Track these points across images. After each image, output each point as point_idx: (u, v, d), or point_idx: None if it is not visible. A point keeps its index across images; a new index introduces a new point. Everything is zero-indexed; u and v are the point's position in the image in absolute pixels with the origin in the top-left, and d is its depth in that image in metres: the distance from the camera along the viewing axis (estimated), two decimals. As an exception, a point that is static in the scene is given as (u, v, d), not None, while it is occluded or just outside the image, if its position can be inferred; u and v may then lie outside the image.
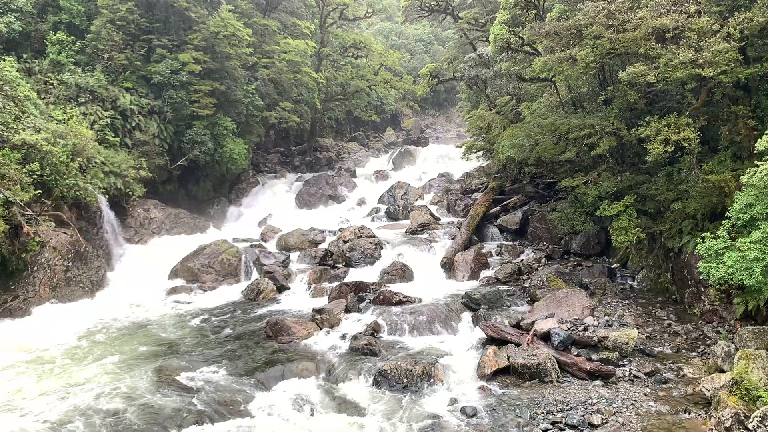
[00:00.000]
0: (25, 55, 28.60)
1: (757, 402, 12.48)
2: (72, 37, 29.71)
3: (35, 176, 21.91)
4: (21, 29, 28.53)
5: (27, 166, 21.74)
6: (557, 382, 15.35)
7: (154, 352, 18.00)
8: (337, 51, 50.91)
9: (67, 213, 24.12)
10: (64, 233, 23.25)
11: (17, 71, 25.70)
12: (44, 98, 27.10)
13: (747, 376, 13.00)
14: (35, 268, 21.83)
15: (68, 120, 26.07)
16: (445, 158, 48.11)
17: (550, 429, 13.08)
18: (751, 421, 12.03)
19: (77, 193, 24.06)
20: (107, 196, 26.94)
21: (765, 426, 11.78)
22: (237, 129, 35.47)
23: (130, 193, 28.87)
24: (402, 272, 25.07)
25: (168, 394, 14.94)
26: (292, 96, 43.22)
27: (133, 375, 16.02)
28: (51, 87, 27.97)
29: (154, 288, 24.89)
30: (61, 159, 22.92)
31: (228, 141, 34.66)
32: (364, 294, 22.38)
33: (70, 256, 23.03)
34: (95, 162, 26.08)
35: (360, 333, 18.70)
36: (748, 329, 15.39)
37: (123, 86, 30.71)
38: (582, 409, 13.70)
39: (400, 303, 21.20)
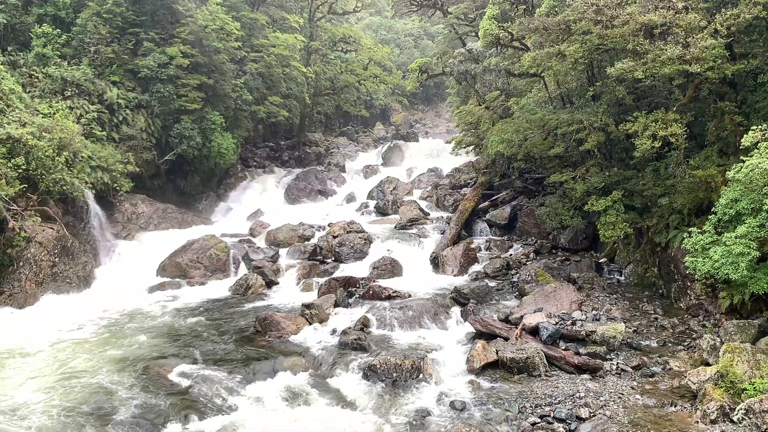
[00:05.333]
0: (9, 48, 28.15)
1: (742, 395, 12.64)
2: (58, 30, 29.31)
3: (20, 171, 21.63)
4: (5, 21, 28.11)
5: (12, 161, 21.47)
6: (545, 375, 15.44)
7: (141, 347, 17.88)
8: (327, 45, 50.67)
9: (53, 208, 23.85)
10: (51, 228, 23.00)
11: (1, 64, 25.38)
12: (29, 92, 26.74)
13: (732, 369, 13.15)
14: (21, 264, 21.58)
15: (54, 114, 25.75)
16: (435, 153, 48.16)
17: (539, 422, 13.16)
18: (736, 414, 12.20)
19: (63, 187, 23.79)
20: (94, 191, 26.66)
21: (749, 418, 11.95)
22: (225, 123, 35.24)
23: (118, 187, 28.59)
24: (391, 267, 25.10)
25: (156, 389, 14.86)
26: (281, 90, 43.02)
27: (119, 370, 15.92)
28: (36, 80, 27.59)
29: (142, 283, 24.71)
30: (47, 153, 22.65)
31: (216, 135, 34.42)
32: (353, 289, 22.37)
33: (56, 251, 22.80)
34: (82, 156, 25.77)
35: (349, 328, 18.70)
36: (733, 323, 15.60)
37: (110, 80, 30.37)
38: (570, 402, 13.80)
39: (389, 298, 21.22)
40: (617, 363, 15.76)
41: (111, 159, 27.89)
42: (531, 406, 13.81)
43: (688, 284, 18.62)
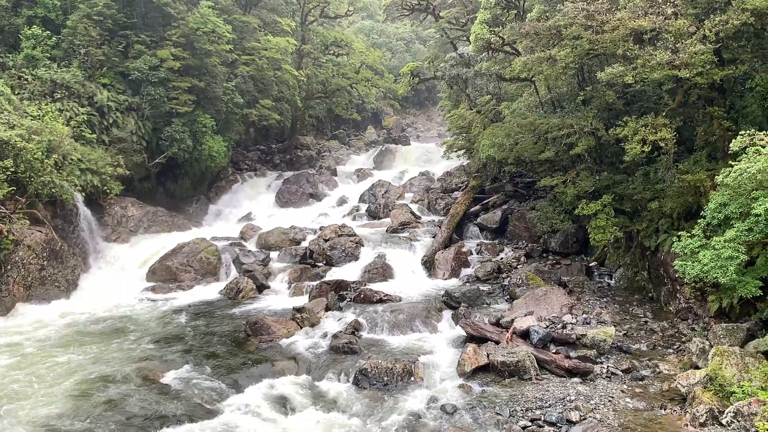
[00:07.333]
0: (-2, 50, 28.03)
1: (731, 398, 12.71)
2: (47, 32, 29.10)
3: (9, 173, 21.44)
4: (-6, 23, 27.96)
5: (0, 163, 21.30)
6: (536, 379, 15.47)
7: (130, 351, 17.76)
8: (318, 49, 50.69)
9: (42, 211, 23.66)
10: (39, 231, 22.82)
11: (-10, 66, 25.19)
12: (18, 94, 26.52)
13: (721, 372, 13.24)
14: (9, 267, 21.39)
15: (43, 116, 25.56)
16: (426, 157, 48.24)
17: (530, 426, 13.18)
18: (725, 417, 12.26)
19: (52, 190, 23.60)
20: (84, 194, 26.46)
21: (738, 421, 12.02)
22: (216, 126, 35.10)
23: (108, 190, 28.39)
24: (383, 271, 25.07)
25: (145, 393, 14.75)
26: (273, 93, 42.92)
27: (108, 374, 15.79)
28: (25, 82, 27.38)
29: (132, 287, 24.59)
30: (35, 156, 22.47)
31: (207, 138, 34.28)
32: (344, 293, 22.34)
33: (45, 254, 22.62)
34: (71, 159, 25.59)
35: (340, 332, 18.66)
36: (722, 326, 15.70)
37: (100, 82, 30.19)
38: (561, 405, 13.83)
39: (380, 301, 21.20)
40: (607, 366, 15.81)
41: (101, 162, 27.70)
42: (522, 410, 13.83)
43: (678, 288, 18.72)
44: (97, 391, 14.88)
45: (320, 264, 26.90)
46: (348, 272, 25.28)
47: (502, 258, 26.67)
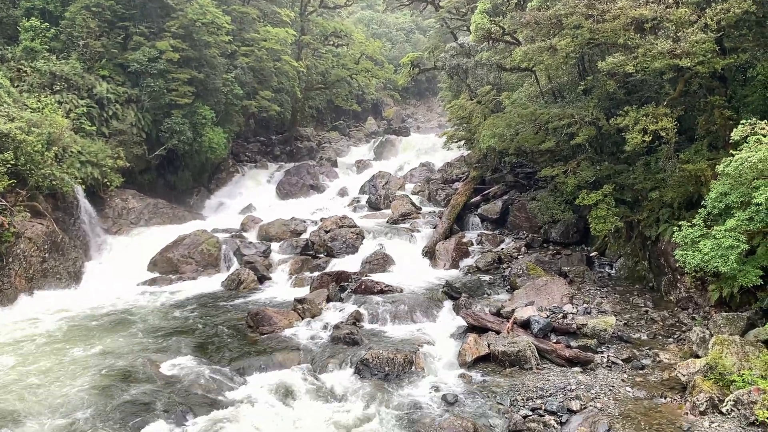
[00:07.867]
0: (-3, 42, 27.93)
1: (731, 386, 12.76)
2: (46, 24, 29.00)
3: (9, 166, 21.45)
4: (-8, 15, 27.84)
5: (0, 156, 21.29)
6: (537, 368, 15.52)
7: (132, 343, 17.83)
8: (318, 39, 50.51)
9: (42, 203, 23.68)
10: (40, 224, 22.85)
11: (-11, 58, 25.12)
12: (18, 86, 26.47)
13: (721, 361, 13.27)
14: (10, 260, 21.44)
15: (43, 108, 25.53)
16: (427, 148, 48.15)
17: (530, 415, 13.24)
18: (725, 405, 12.32)
19: (53, 182, 23.62)
20: (84, 186, 26.48)
21: (738, 409, 12.08)
22: (216, 118, 35.05)
23: (108, 183, 28.41)
24: (383, 261, 25.10)
25: (148, 385, 14.80)
26: (273, 85, 42.81)
27: (110, 366, 15.86)
28: (25, 75, 27.31)
29: (133, 279, 24.63)
30: (35, 148, 22.46)
31: (207, 130, 34.23)
32: (345, 283, 22.37)
33: (46, 247, 22.66)
34: (71, 151, 25.58)
35: (341, 322, 18.71)
36: (722, 315, 15.73)
37: (99, 74, 30.10)
38: (561, 395, 13.88)
39: (381, 292, 21.23)
40: (608, 356, 15.86)
41: (101, 154, 27.69)
42: (523, 399, 13.88)
43: (678, 277, 18.75)
44: (97, 381, 14.92)
45: (321, 255, 26.93)
46: (349, 263, 25.33)
47: (502, 248, 26.70)
